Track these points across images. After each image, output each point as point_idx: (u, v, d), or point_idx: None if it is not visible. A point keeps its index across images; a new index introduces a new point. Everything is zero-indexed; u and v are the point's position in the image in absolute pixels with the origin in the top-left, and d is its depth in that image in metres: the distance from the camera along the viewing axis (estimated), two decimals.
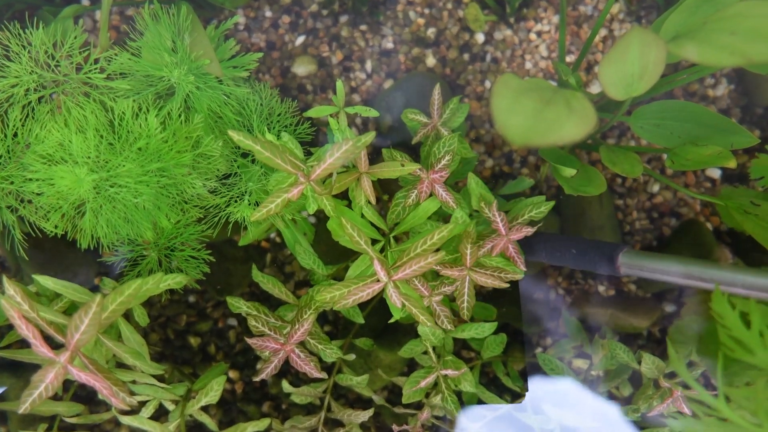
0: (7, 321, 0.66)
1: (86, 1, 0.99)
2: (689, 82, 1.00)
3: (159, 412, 0.80)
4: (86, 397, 0.95)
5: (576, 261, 0.77)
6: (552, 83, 0.70)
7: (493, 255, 0.73)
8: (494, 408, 0.89)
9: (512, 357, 0.95)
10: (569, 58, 1.00)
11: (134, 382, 0.73)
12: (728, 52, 0.55)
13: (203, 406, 0.76)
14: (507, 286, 0.72)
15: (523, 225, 0.73)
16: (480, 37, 1.01)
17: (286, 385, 0.82)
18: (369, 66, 1.00)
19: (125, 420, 0.74)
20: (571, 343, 0.92)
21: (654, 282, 0.96)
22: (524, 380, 0.92)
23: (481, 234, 0.76)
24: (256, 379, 0.73)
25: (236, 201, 0.79)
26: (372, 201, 0.74)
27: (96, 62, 0.72)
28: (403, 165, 0.71)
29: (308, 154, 0.80)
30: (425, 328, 0.78)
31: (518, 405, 0.90)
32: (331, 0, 1.00)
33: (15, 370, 0.89)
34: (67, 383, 0.89)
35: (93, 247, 0.72)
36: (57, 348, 0.57)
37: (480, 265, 0.73)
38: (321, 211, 0.90)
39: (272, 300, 0.96)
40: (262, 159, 0.64)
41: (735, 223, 0.78)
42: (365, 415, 0.82)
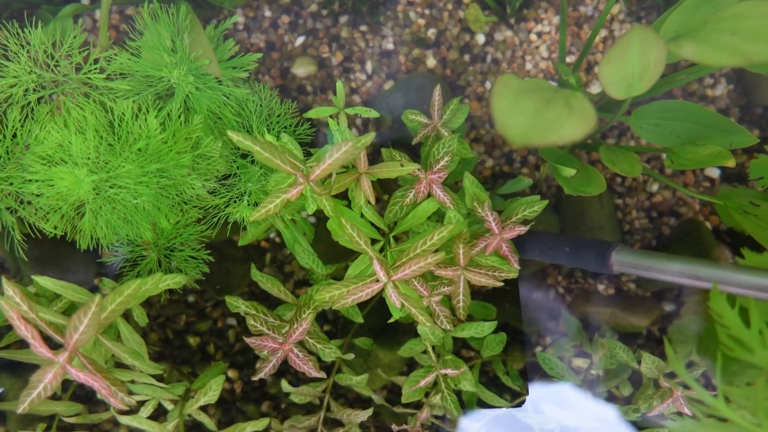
0: (7, 321, 0.66)
1: (86, 0, 0.99)
2: (688, 82, 1.00)
3: (158, 412, 0.80)
4: (85, 397, 0.95)
5: (569, 259, 0.77)
6: (552, 83, 0.70)
7: (487, 254, 0.73)
8: (494, 407, 0.89)
9: (512, 356, 0.95)
10: (569, 59, 1.00)
11: (133, 382, 0.73)
12: (729, 52, 0.55)
13: (202, 406, 0.76)
14: (501, 284, 0.72)
15: (516, 224, 0.73)
16: (480, 38, 1.01)
17: (285, 385, 0.82)
18: (369, 67, 1.00)
19: (124, 420, 0.74)
20: (571, 343, 0.92)
21: (653, 281, 0.96)
22: (524, 379, 0.92)
23: (476, 233, 0.76)
24: (255, 379, 0.73)
25: (235, 201, 0.79)
26: (372, 201, 0.74)
27: (96, 62, 0.72)
28: (403, 165, 0.71)
29: (308, 155, 0.80)
30: (425, 328, 0.78)
31: (516, 405, 0.90)
32: (331, 0, 1.00)
33: (14, 371, 0.89)
34: (66, 383, 0.89)
35: (92, 248, 0.72)
36: (56, 348, 0.57)
37: (475, 265, 0.73)
38: (320, 211, 0.89)
39: (271, 299, 0.96)
40: (262, 160, 0.64)
41: (734, 223, 0.78)
42: (364, 415, 0.82)
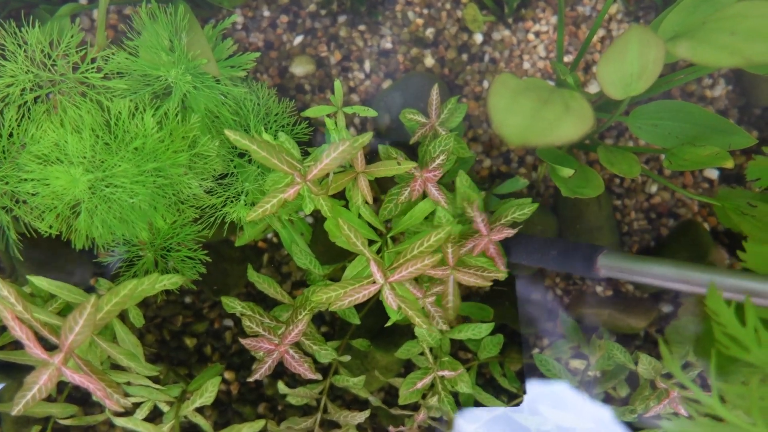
0: (1, 322, 0.65)
1: (84, 0, 0.98)
2: (687, 83, 0.99)
3: (153, 414, 0.79)
4: (80, 399, 0.94)
5: (556, 263, 0.76)
6: (550, 83, 0.70)
7: (474, 254, 0.73)
8: (491, 409, 0.88)
9: (509, 358, 0.94)
10: (567, 59, 1.00)
11: (129, 384, 0.73)
12: (728, 53, 0.55)
13: (198, 408, 0.76)
14: (489, 285, 0.72)
15: (505, 226, 0.73)
16: (478, 38, 1.00)
17: (282, 386, 0.81)
18: (367, 66, 0.99)
19: (119, 422, 0.73)
20: (568, 344, 0.92)
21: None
22: (521, 381, 0.92)
23: (465, 233, 0.75)
24: (250, 380, 0.73)
25: (232, 201, 0.79)
26: (369, 201, 0.73)
27: (93, 61, 0.72)
28: (400, 163, 0.71)
29: (305, 154, 0.80)
30: (422, 330, 0.78)
31: (515, 406, 0.90)
32: (330, 0, 1.00)
33: (9, 372, 0.88)
34: (62, 384, 0.88)
35: (88, 248, 0.72)
36: (51, 349, 0.57)
37: (464, 265, 0.73)
38: (318, 212, 0.89)
39: (269, 300, 0.96)
40: (259, 159, 0.64)
41: (732, 224, 0.78)
42: (361, 417, 0.82)
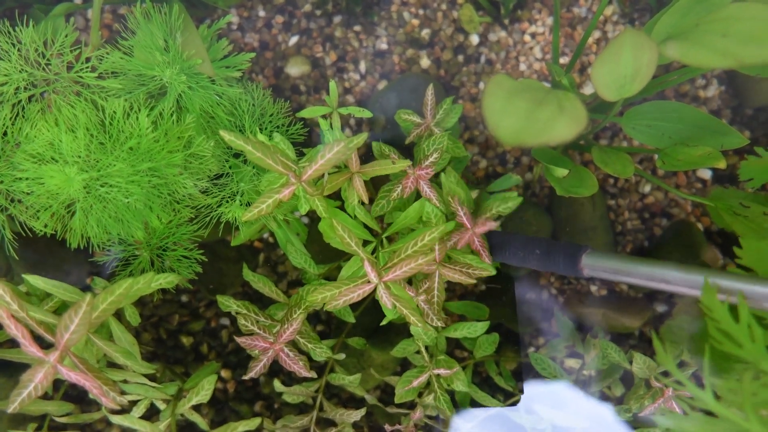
0: None
1: (78, 0, 0.98)
2: (681, 83, 1.00)
3: (150, 412, 0.79)
4: (77, 397, 0.94)
5: (540, 262, 0.76)
6: (545, 84, 0.70)
7: (458, 248, 0.74)
8: (486, 407, 0.89)
9: (505, 357, 0.95)
10: (563, 60, 1.01)
11: (125, 382, 0.73)
12: (720, 54, 0.55)
13: (194, 406, 0.76)
14: (474, 282, 0.73)
15: (489, 219, 0.74)
16: (474, 39, 1.01)
17: (278, 385, 0.81)
18: (363, 67, 1.00)
19: (116, 419, 0.74)
20: (564, 343, 0.92)
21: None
22: (517, 380, 0.92)
23: (455, 230, 0.76)
24: (246, 378, 0.73)
25: (228, 201, 0.79)
26: (365, 200, 0.74)
27: (87, 61, 0.72)
28: (394, 162, 0.71)
29: (301, 155, 0.80)
30: (417, 328, 0.78)
31: (510, 405, 0.90)
32: (325, 0, 1.00)
33: (5, 370, 0.88)
34: (58, 382, 0.88)
35: (84, 247, 0.72)
36: (47, 347, 0.57)
37: (450, 261, 0.73)
38: (313, 212, 0.89)
39: (264, 299, 0.96)
40: (254, 159, 0.64)
41: (725, 224, 0.78)
42: (357, 415, 0.82)
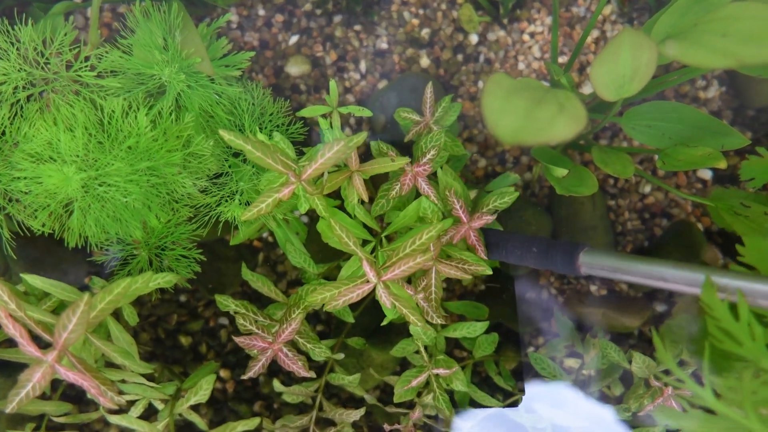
0: None
1: None
2: (681, 84, 1.00)
3: (148, 412, 0.79)
4: (75, 397, 0.94)
5: (537, 260, 0.75)
6: (544, 83, 0.70)
7: (455, 242, 0.74)
8: (486, 407, 0.89)
9: (504, 356, 0.95)
10: (562, 59, 1.01)
11: (123, 382, 0.73)
12: (720, 54, 0.55)
13: (193, 406, 0.76)
14: (470, 277, 0.73)
15: (486, 214, 0.73)
16: (474, 38, 1.01)
17: (277, 384, 0.81)
18: (363, 66, 1.00)
19: (114, 419, 0.73)
20: (563, 343, 0.92)
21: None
22: (517, 380, 0.92)
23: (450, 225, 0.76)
24: (245, 377, 0.73)
25: (227, 200, 0.79)
26: (365, 199, 0.73)
27: (86, 60, 0.72)
28: (393, 160, 0.71)
29: (301, 154, 0.80)
30: (417, 328, 0.78)
31: (510, 405, 0.90)
32: None
33: (3, 369, 0.88)
34: (56, 382, 0.88)
35: (82, 246, 0.72)
36: (45, 347, 0.56)
37: (446, 257, 0.73)
38: (313, 211, 0.89)
39: (264, 299, 0.96)
40: (253, 159, 0.64)
41: (725, 224, 0.78)
42: (357, 414, 0.82)
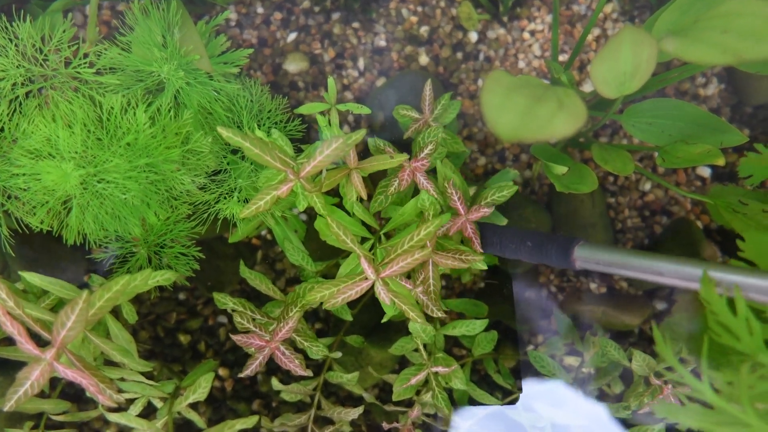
0: None
1: None
2: (681, 81, 1.00)
3: (147, 410, 0.79)
4: (74, 395, 0.94)
5: (531, 254, 0.75)
6: (544, 81, 0.70)
7: (451, 234, 0.74)
8: (485, 405, 0.89)
9: (504, 354, 0.95)
10: (562, 57, 1.00)
11: (122, 380, 0.73)
12: (720, 51, 0.55)
13: (192, 404, 0.76)
14: (465, 267, 0.72)
15: (483, 207, 0.73)
16: (473, 36, 1.00)
17: (276, 383, 0.81)
18: (361, 64, 0.99)
19: (113, 417, 0.73)
20: (563, 341, 0.92)
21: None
22: (516, 378, 0.92)
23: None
24: (242, 375, 0.73)
25: (226, 198, 0.78)
26: (363, 196, 0.73)
27: (85, 57, 0.72)
28: (392, 157, 0.71)
29: (299, 152, 0.80)
30: (416, 325, 0.78)
31: (509, 403, 0.90)
32: None
33: (1, 368, 0.88)
34: (55, 380, 0.88)
35: (81, 244, 0.72)
36: (43, 345, 0.56)
37: (442, 249, 0.73)
38: (312, 208, 0.89)
39: (263, 297, 0.96)
40: (252, 156, 0.64)
41: (724, 222, 0.78)
42: (355, 413, 0.82)
